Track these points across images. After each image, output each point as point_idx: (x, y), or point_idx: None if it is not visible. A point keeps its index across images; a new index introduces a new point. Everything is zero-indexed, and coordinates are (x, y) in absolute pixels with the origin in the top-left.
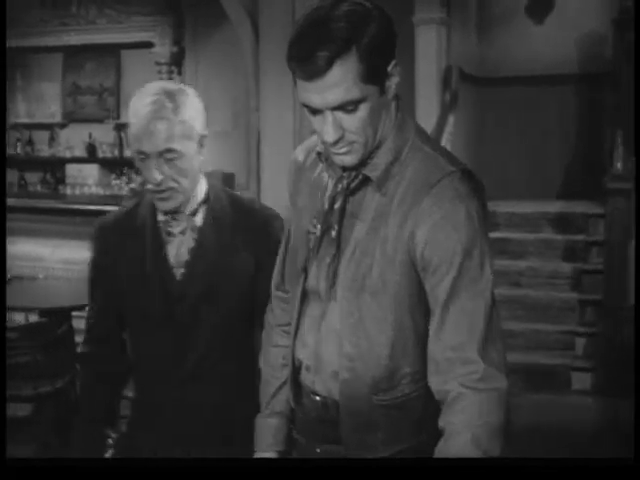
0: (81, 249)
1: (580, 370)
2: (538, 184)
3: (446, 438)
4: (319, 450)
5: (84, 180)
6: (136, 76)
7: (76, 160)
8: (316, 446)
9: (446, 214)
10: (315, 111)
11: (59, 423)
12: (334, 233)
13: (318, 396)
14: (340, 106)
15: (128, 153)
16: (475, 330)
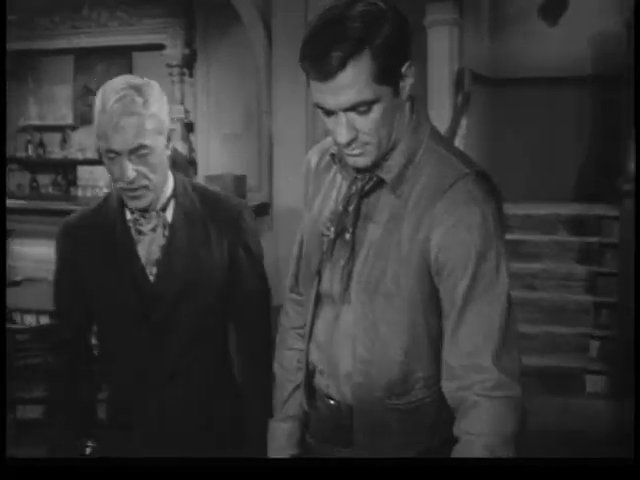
0: None
1: (594, 373)
2: (552, 186)
3: (460, 446)
4: (332, 454)
5: (95, 182)
6: (147, 78)
7: (88, 162)
8: (329, 450)
9: (461, 217)
10: (328, 112)
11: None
12: (348, 235)
13: (332, 400)
14: (353, 107)
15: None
16: (490, 336)
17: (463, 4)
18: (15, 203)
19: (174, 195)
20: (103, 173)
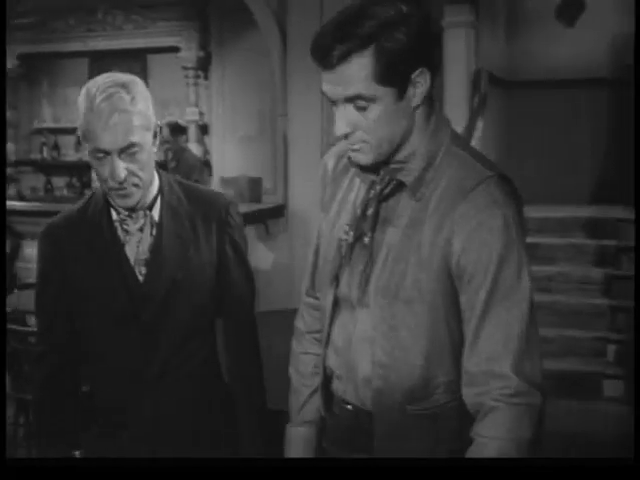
0: None
1: (612, 377)
2: (569, 188)
3: (474, 449)
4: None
5: None
6: (162, 81)
7: None
8: (347, 455)
9: (482, 221)
10: (333, 102)
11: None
12: (367, 240)
13: (349, 405)
14: (350, 100)
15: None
16: (510, 343)
17: (480, 6)
18: (29, 206)
19: (160, 193)
20: None
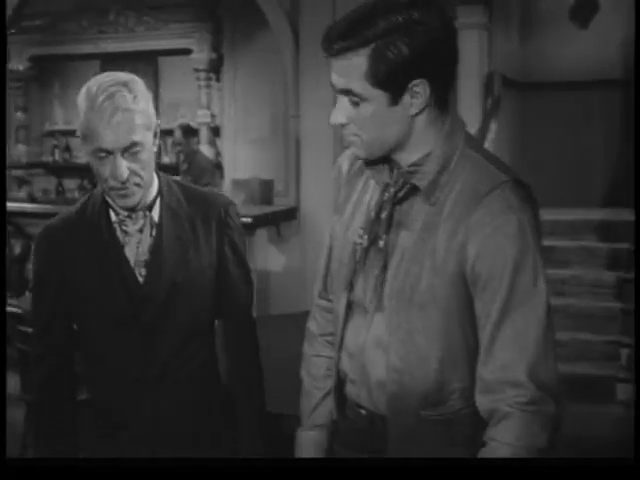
0: None
1: (625, 381)
2: (581, 191)
3: (485, 452)
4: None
5: None
6: (174, 83)
7: None
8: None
9: (497, 226)
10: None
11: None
12: (382, 243)
13: (363, 409)
14: (343, 91)
15: (166, 159)
16: (526, 350)
17: (493, 8)
18: (41, 208)
19: (160, 194)
20: None
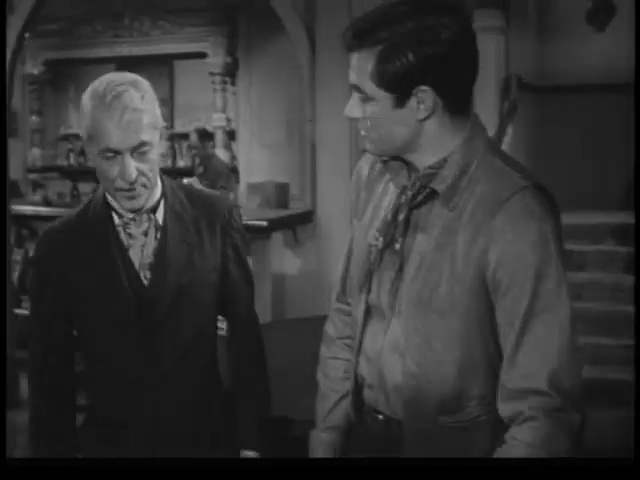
0: None
1: None
2: (600, 194)
3: (503, 449)
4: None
5: None
6: (189, 87)
7: None
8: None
9: (518, 233)
10: None
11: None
12: (397, 246)
13: (380, 414)
14: (354, 87)
15: (182, 163)
16: (549, 359)
17: (510, 11)
18: (55, 211)
19: (163, 196)
20: None
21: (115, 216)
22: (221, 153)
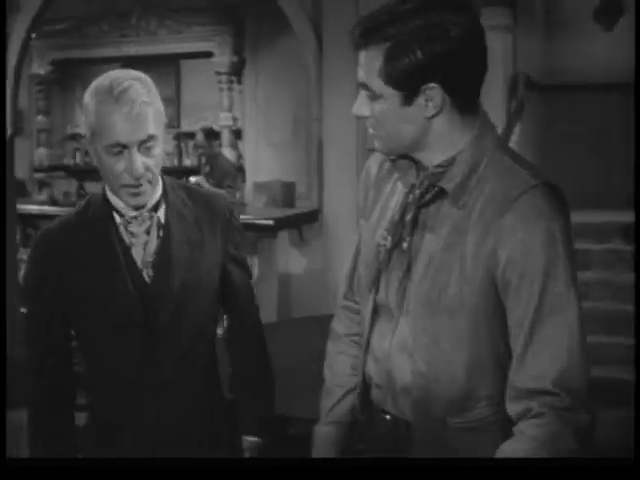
0: None
1: None
2: (607, 193)
3: (510, 441)
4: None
5: None
6: (195, 86)
7: None
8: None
9: (527, 233)
10: None
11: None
12: (405, 245)
13: (388, 415)
14: (362, 85)
15: (188, 162)
16: (558, 360)
17: (517, 10)
18: (62, 211)
19: (164, 194)
20: None
21: (116, 215)
22: (227, 152)
